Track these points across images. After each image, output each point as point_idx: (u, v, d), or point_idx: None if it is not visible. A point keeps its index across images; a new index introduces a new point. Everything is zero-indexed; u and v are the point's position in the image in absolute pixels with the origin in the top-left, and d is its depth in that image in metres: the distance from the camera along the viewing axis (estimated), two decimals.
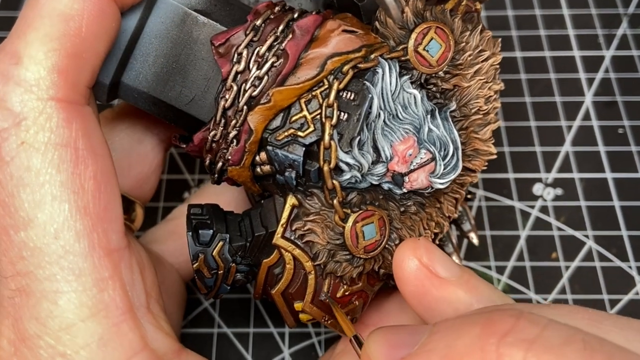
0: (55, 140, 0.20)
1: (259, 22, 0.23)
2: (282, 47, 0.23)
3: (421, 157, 0.23)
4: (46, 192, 0.20)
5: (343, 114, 0.23)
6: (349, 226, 0.23)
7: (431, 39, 0.23)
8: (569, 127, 0.39)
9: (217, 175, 0.25)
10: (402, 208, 0.24)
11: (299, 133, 0.23)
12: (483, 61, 0.24)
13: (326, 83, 0.23)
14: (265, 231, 0.24)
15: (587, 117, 0.40)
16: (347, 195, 0.23)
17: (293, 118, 0.23)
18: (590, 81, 0.41)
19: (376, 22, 0.23)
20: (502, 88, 0.25)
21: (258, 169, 0.24)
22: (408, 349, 0.18)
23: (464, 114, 0.24)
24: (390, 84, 0.23)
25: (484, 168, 0.25)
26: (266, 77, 0.23)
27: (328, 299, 0.24)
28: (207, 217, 0.24)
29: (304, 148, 0.23)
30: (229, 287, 0.25)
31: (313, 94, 0.23)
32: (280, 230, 0.23)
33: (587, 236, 0.35)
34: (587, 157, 0.38)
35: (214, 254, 0.24)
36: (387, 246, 0.24)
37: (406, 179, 0.23)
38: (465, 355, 0.16)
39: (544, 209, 0.36)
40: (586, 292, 0.34)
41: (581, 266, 0.34)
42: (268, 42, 0.23)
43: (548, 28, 0.43)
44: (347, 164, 0.22)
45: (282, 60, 0.23)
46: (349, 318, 0.25)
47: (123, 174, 0.27)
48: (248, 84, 0.23)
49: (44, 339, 0.20)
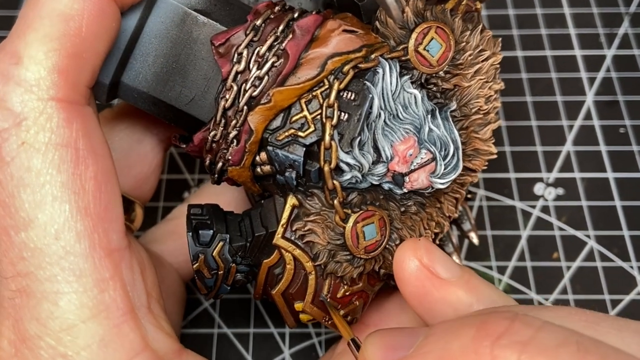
0: (56, 141, 0.20)
1: (259, 22, 0.23)
2: (282, 47, 0.23)
3: (422, 157, 0.23)
4: (47, 193, 0.20)
5: (343, 114, 0.22)
6: (349, 226, 0.23)
7: (431, 38, 0.23)
8: (570, 127, 0.39)
9: (217, 176, 0.25)
10: (402, 208, 0.24)
11: (300, 133, 0.23)
12: (483, 61, 0.24)
13: (327, 83, 0.23)
14: (266, 231, 0.24)
15: (588, 116, 0.40)
16: (348, 195, 0.23)
17: (293, 118, 0.23)
18: (591, 80, 0.41)
19: (376, 22, 0.23)
20: (502, 87, 0.25)
21: (258, 169, 0.24)
22: (404, 351, 0.18)
23: (464, 113, 0.24)
24: (391, 84, 0.22)
25: (485, 168, 0.25)
26: (266, 77, 0.23)
27: (325, 301, 0.24)
28: (207, 217, 0.24)
29: (304, 148, 0.23)
30: (229, 288, 0.25)
31: (313, 94, 0.23)
32: (280, 230, 0.23)
33: (588, 236, 0.35)
34: (588, 156, 0.38)
35: (214, 254, 0.24)
36: (387, 246, 0.24)
37: (407, 179, 0.23)
38: (460, 357, 0.16)
39: (545, 209, 0.36)
40: (587, 293, 0.34)
41: (582, 266, 0.34)
42: (268, 42, 0.23)
43: (549, 27, 0.43)
44: (347, 164, 0.22)
45: (282, 60, 0.23)
46: (350, 318, 0.25)
47: (122, 174, 0.27)
48: (248, 84, 0.23)
49: (45, 339, 0.20)
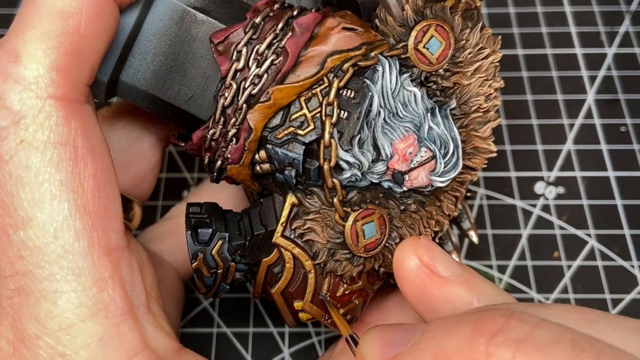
0: (55, 139, 0.20)
1: (258, 19, 0.23)
2: (281, 45, 0.23)
3: (421, 156, 0.23)
4: (45, 191, 0.20)
5: (343, 112, 0.22)
6: (349, 225, 0.23)
7: (431, 36, 0.23)
8: (571, 125, 0.39)
9: (216, 174, 0.24)
10: (402, 206, 0.24)
11: (299, 131, 0.22)
12: (483, 59, 0.24)
13: (326, 81, 0.22)
14: (265, 230, 0.24)
15: (589, 115, 0.39)
16: (347, 193, 0.23)
17: (293, 116, 0.23)
18: (592, 79, 0.41)
19: (376, 20, 0.23)
20: (502, 85, 0.25)
21: (257, 168, 0.24)
22: (402, 347, 0.18)
23: (464, 111, 0.24)
24: (391, 81, 0.22)
25: (485, 166, 0.25)
26: (266, 75, 0.23)
27: (324, 298, 0.24)
28: (206, 215, 0.24)
29: (303, 146, 0.22)
30: (228, 287, 0.25)
31: (313, 92, 0.22)
32: (279, 229, 0.23)
33: (589, 235, 0.35)
34: (589, 155, 0.38)
35: (213, 253, 0.24)
36: (387, 245, 0.23)
37: (406, 177, 0.23)
38: (455, 354, 0.16)
39: (545, 208, 0.36)
40: (588, 292, 0.33)
41: (583, 265, 0.34)
42: (267, 39, 0.23)
43: (550, 25, 0.43)
44: (347, 162, 0.22)
45: (281, 58, 0.23)
46: (349, 317, 0.25)
47: (121, 173, 0.27)
48: (247, 82, 0.23)
49: (44, 339, 0.20)
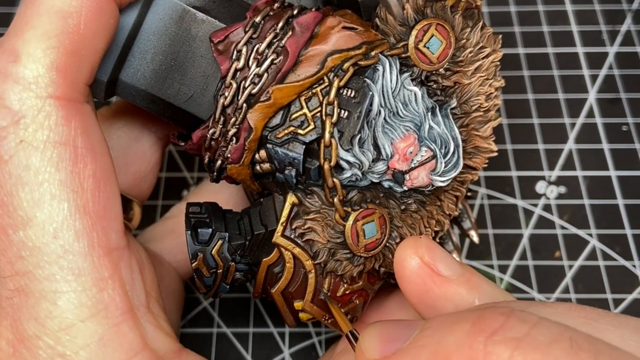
0: (54, 139, 0.20)
1: (258, 18, 0.23)
2: (281, 44, 0.22)
3: (422, 155, 0.23)
4: (45, 191, 0.20)
5: (343, 111, 0.22)
6: (349, 224, 0.23)
7: (432, 35, 0.22)
8: (573, 125, 0.39)
9: (216, 174, 0.24)
10: (402, 206, 0.24)
11: (299, 131, 0.22)
12: (484, 58, 0.24)
13: (326, 80, 0.22)
14: (265, 230, 0.24)
15: (590, 114, 0.39)
16: (348, 193, 0.23)
17: (293, 116, 0.23)
18: (594, 78, 0.41)
19: (376, 19, 0.23)
20: (502, 85, 0.25)
21: (258, 167, 0.24)
22: (401, 343, 0.18)
23: (464, 111, 0.24)
24: (391, 81, 0.22)
25: (485, 166, 0.25)
26: (266, 75, 0.22)
27: (324, 295, 0.24)
28: (206, 215, 0.24)
29: (304, 146, 0.22)
30: (228, 286, 0.24)
31: (313, 91, 0.22)
32: (280, 228, 0.23)
33: (590, 235, 0.35)
34: (590, 154, 0.38)
35: (213, 252, 0.23)
36: (387, 244, 0.23)
37: (407, 176, 0.23)
38: (454, 351, 0.16)
39: (547, 207, 0.36)
40: (590, 292, 0.33)
41: (585, 265, 0.34)
42: (268, 39, 0.23)
43: (551, 24, 0.43)
44: (347, 162, 0.22)
45: (281, 57, 0.22)
46: (350, 317, 0.25)
47: (120, 172, 0.27)
48: (247, 82, 0.23)
49: (43, 339, 0.20)
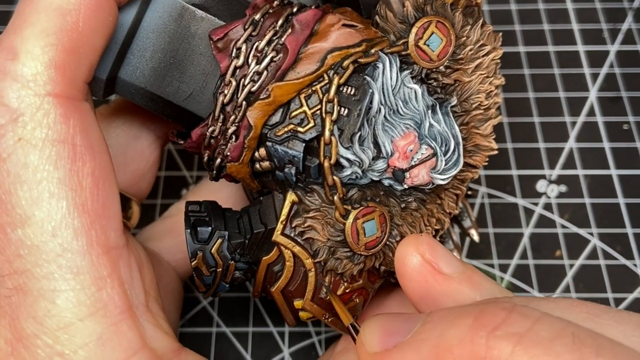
0: (53, 137, 0.20)
1: (257, 16, 0.23)
2: (281, 42, 0.22)
3: (422, 153, 0.23)
4: (44, 189, 0.20)
5: (343, 109, 0.22)
6: (349, 223, 0.22)
7: (432, 33, 0.22)
8: (573, 123, 0.39)
9: (215, 172, 0.24)
10: (402, 204, 0.24)
11: (299, 129, 0.22)
12: (484, 56, 0.24)
13: (326, 78, 0.22)
14: (265, 228, 0.23)
15: (591, 112, 0.39)
16: (348, 191, 0.23)
17: (293, 113, 0.22)
18: (594, 76, 0.41)
19: (376, 16, 0.23)
20: (502, 83, 0.24)
21: (257, 165, 0.23)
22: (402, 336, 0.18)
23: (464, 109, 0.24)
24: (391, 78, 0.22)
25: (486, 164, 0.25)
26: (265, 72, 0.22)
27: (326, 289, 0.23)
28: (205, 214, 0.24)
29: (304, 144, 0.22)
30: (228, 285, 0.24)
31: (313, 89, 0.22)
32: (279, 227, 0.23)
33: (591, 234, 0.35)
34: (591, 153, 0.38)
35: (212, 251, 0.23)
36: (388, 243, 0.23)
37: (407, 174, 0.23)
38: (456, 346, 0.16)
39: (547, 206, 0.36)
40: (590, 291, 0.33)
41: (585, 264, 0.34)
42: (267, 36, 0.22)
43: (552, 22, 0.43)
44: (347, 159, 0.22)
45: (281, 55, 0.22)
46: None
47: (119, 171, 0.27)
48: (247, 79, 0.22)
49: (42, 338, 0.20)
